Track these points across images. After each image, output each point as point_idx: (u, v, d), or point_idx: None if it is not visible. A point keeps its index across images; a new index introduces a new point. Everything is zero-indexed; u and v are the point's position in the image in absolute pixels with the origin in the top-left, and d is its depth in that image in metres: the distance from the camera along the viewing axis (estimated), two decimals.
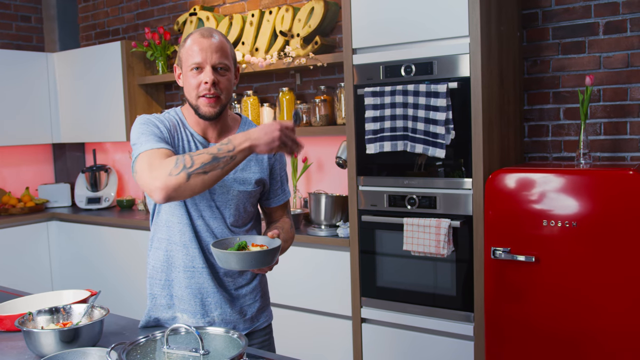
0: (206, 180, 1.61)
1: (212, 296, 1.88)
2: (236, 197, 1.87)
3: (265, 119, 3.89)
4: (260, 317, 1.99)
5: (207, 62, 1.77)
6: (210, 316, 1.89)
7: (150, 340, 1.34)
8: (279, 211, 2.06)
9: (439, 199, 2.82)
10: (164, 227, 1.89)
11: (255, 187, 1.91)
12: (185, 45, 1.81)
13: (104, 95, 4.63)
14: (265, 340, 2.02)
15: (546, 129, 3.11)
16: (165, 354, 1.28)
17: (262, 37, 3.86)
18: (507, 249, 2.58)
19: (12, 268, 4.45)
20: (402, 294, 2.96)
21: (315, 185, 3.92)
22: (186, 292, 1.88)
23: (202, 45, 1.77)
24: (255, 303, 1.97)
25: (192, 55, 1.77)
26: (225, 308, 1.90)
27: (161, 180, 1.60)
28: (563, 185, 2.46)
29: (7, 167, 5.04)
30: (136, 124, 1.82)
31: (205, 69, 1.77)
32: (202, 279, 1.88)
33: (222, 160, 1.61)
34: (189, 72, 1.79)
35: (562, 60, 3.04)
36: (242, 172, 1.88)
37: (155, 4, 4.74)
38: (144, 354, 1.28)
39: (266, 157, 1.94)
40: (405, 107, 2.83)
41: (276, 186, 2.00)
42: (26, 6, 5.21)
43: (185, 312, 1.89)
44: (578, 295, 2.44)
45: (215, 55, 1.77)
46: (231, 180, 1.86)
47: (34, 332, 1.60)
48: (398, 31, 2.87)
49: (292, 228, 2.03)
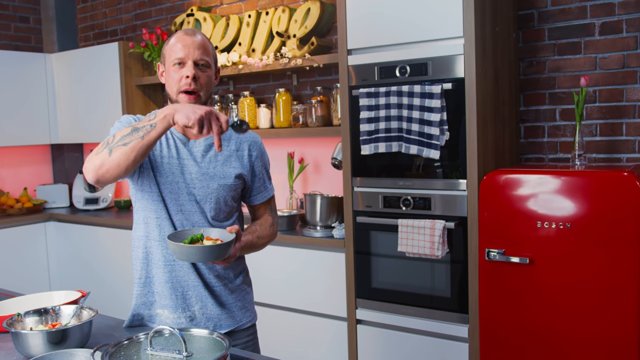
0: (126, 151, 1.62)
1: (193, 290, 1.91)
2: (216, 191, 1.91)
3: (262, 119, 3.89)
4: (243, 316, 2.00)
5: (189, 57, 1.84)
6: (191, 310, 1.91)
7: (134, 342, 1.34)
8: (262, 208, 2.09)
9: (434, 200, 2.81)
10: (142, 224, 1.93)
11: (236, 182, 1.95)
12: (169, 43, 1.89)
13: (101, 96, 4.63)
14: (249, 340, 2.02)
15: (542, 130, 3.10)
16: (149, 356, 1.28)
17: (258, 38, 3.86)
18: (501, 251, 2.57)
19: (10, 268, 4.45)
20: (397, 295, 2.96)
21: (311, 186, 3.92)
22: (166, 288, 1.90)
23: (185, 42, 1.85)
24: (237, 302, 1.99)
25: (175, 51, 1.85)
26: (206, 302, 1.92)
27: (89, 160, 1.68)
28: (557, 187, 2.45)
29: (6, 168, 5.05)
30: (116, 121, 1.91)
31: (187, 64, 1.84)
32: (182, 272, 1.90)
33: (142, 129, 1.63)
34: (172, 67, 1.86)
35: (558, 61, 3.03)
36: (223, 167, 1.93)
37: (153, 5, 4.74)
38: (128, 356, 1.28)
39: (246, 153, 1.98)
40: (399, 108, 2.83)
41: (258, 183, 2.04)
42: (25, 7, 5.22)
43: (166, 308, 1.91)
44: (572, 297, 2.43)
45: (197, 52, 1.85)
46: (211, 174, 1.91)
47: (22, 333, 1.59)
48: (393, 32, 2.87)
49: (272, 226, 2.07)
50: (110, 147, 1.65)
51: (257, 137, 2.06)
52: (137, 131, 1.64)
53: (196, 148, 1.92)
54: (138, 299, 1.95)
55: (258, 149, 2.03)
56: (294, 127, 3.75)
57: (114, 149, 1.65)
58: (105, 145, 1.67)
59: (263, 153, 2.06)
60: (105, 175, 1.66)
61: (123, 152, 1.64)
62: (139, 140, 1.63)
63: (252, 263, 3.53)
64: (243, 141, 1.99)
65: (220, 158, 1.93)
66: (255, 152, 2.01)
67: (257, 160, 2.02)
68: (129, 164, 1.65)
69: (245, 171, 1.98)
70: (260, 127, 3.91)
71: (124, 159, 1.64)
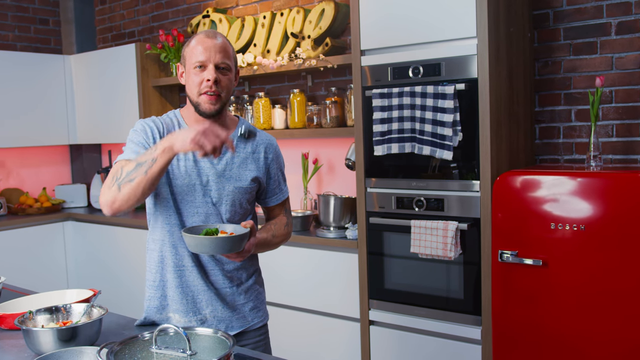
0: (133, 187, 1.68)
1: (203, 294, 1.93)
2: (232, 193, 1.93)
3: (277, 120, 3.90)
4: (254, 316, 2.02)
5: (210, 60, 1.84)
6: (202, 314, 1.93)
7: (139, 340, 1.36)
8: (277, 209, 2.12)
9: (447, 201, 2.80)
10: (159, 228, 1.95)
11: (251, 184, 1.96)
12: (190, 45, 1.89)
13: (119, 97, 4.68)
14: (260, 340, 2.03)
15: (557, 131, 3.07)
16: (154, 354, 1.29)
17: (273, 39, 3.87)
18: (514, 252, 2.55)
19: (29, 267, 4.52)
20: (410, 296, 2.95)
21: (326, 187, 3.92)
22: (177, 292, 1.92)
23: (206, 45, 1.84)
24: (249, 302, 2.00)
25: (196, 54, 1.85)
26: (217, 305, 1.94)
27: (103, 194, 1.76)
28: (571, 188, 2.42)
29: (26, 168, 5.12)
30: (131, 130, 1.92)
31: (208, 67, 1.84)
32: (192, 277, 1.92)
33: (145, 165, 1.66)
34: (192, 69, 1.86)
35: (573, 61, 3.00)
36: (239, 169, 1.94)
37: (170, 7, 4.78)
38: (132, 353, 1.29)
39: (262, 156, 2.00)
40: (412, 108, 2.82)
41: (273, 185, 2.06)
42: (44, 9, 5.29)
43: (177, 312, 1.93)
44: (586, 299, 2.40)
45: (218, 55, 1.85)
46: (227, 177, 1.92)
47: (32, 331, 1.62)
48: (406, 32, 2.86)
49: (287, 226, 2.09)
50: (118, 183, 1.71)
51: (273, 139, 2.08)
52: (140, 166, 1.67)
53: None
54: (151, 302, 1.97)
55: (274, 152, 2.05)
56: (308, 128, 3.75)
57: (122, 185, 1.70)
58: (114, 180, 1.73)
59: (279, 155, 2.08)
60: (120, 209, 1.73)
61: (131, 188, 1.69)
62: (143, 176, 1.67)
63: (266, 263, 3.53)
64: (259, 144, 2.01)
65: (236, 161, 1.94)
66: (271, 155, 2.03)
67: (273, 163, 2.04)
68: (138, 198, 1.70)
69: (261, 174, 2.00)
70: (275, 128, 3.92)
71: (132, 194, 1.69)
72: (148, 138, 1.87)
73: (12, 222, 4.50)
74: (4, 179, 4.97)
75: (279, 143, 4.09)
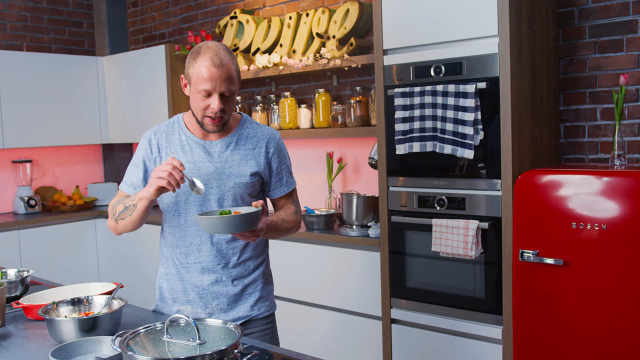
0: (126, 224, 1.97)
1: (209, 287, 2.01)
2: (232, 189, 2.00)
3: (303, 120, 3.94)
4: (261, 306, 2.09)
5: (216, 90, 1.90)
6: (209, 307, 2.02)
7: (151, 330, 1.40)
8: (283, 200, 2.18)
9: (468, 200, 2.79)
10: (167, 226, 2.07)
11: (252, 179, 2.03)
12: (195, 67, 1.91)
13: (149, 97, 4.78)
14: (266, 329, 2.10)
15: (582, 130, 3.04)
16: (165, 342, 1.34)
17: (299, 39, 3.91)
18: (535, 252, 2.54)
19: (61, 263, 4.64)
20: (431, 295, 2.95)
21: (350, 186, 3.94)
22: (184, 286, 2.03)
23: (212, 75, 1.88)
24: (255, 293, 2.08)
25: (202, 82, 1.89)
26: (222, 299, 2.02)
27: (108, 221, 2.06)
28: (593, 187, 2.40)
29: (60, 167, 5.26)
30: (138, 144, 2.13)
31: (213, 96, 1.91)
32: (199, 271, 2.02)
33: (129, 208, 1.94)
34: (197, 94, 1.92)
35: (599, 59, 2.97)
36: (239, 165, 2.02)
37: (199, 8, 4.86)
38: (145, 342, 1.34)
39: (263, 151, 2.06)
40: (434, 107, 2.82)
41: (275, 179, 2.12)
42: (78, 12, 5.43)
43: (185, 304, 2.03)
44: (608, 300, 2.38)
45: (223, 85, 1.90)
46: (227, 173, 2.00)
47: (55, 320, 1.68)
48: (428, 31, 2.86)
49: (296, 214, 2.14)
50: (115, 218, 2.00)
51: (276, 133, 2.14)
52: (126, 210, 1.95)
53: (213, 148, 2.02)
54: (162, 294, 2.09)
55: (275, 146, 2.10)
56: (333, 127, 3.78)
57: (117, 220, 1.99)
58: (112, 215, 2.01)
59: (281, 149, 2.13)
60: (122, 232, 2.04)
61: (124, 224, 1.98)
62: (130, 217, 1.95)
63: (289, 260, 3.58)
64: (260, 139, 2.08)
65: (236, 157, 2.02)
66: (272, 149, 2.09)
67: (274, 157, 2.09)
68: (133, 229, 2.00)
69: (262, 169, 2.06)
70: (300, 127, 3.96)
71: (127, 227, 2.00)
72: (148, 154, 2.05)
73: (46, 219, 4.63)
74: (39, 177, 5.12)
75: (304, 142, 4.16)
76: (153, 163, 2.04)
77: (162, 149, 2.04)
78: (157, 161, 2.04)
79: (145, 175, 2.05)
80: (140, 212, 1.91)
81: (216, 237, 1.99)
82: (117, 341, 1.34)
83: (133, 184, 2.06)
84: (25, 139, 4.72)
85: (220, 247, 2.01)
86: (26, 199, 4.75)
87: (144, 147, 2.06)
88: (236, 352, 1.30)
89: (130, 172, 2.08)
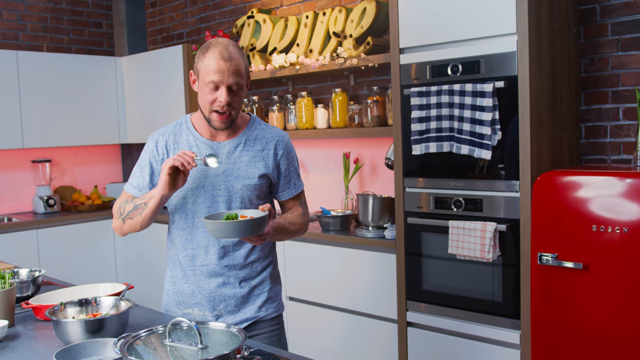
0: (134, 223, 1.95)
1: (216, 289, 1.99)
2: (240, 191, 1.98)
3: (320, 120, 3.90)
4: (268, 307, 2.06)
5: (223, 82, 1.88)
6: (217, 310, 2.00)
7: (153, 333, 1.38)
8: (291, 202, 2.15)
9: (486, 201, 2.74)
10: (174, 229, 2.05)
11: (260, 181, 2.01)
12: (204, 61, 1.90)
13: (166, 97, 4.78)
14: (274, 330, 2.08)
15: (604, 130, 2.96)
16: (167, 347, 1.31)
17: (316, 39, 3.88)
18: (554, 255, 2.47)
19: (80, 263, 4.67)
20: (447, 298, 2.90)
21: (367, 187, 3.90)
22: (191, 289, 2.01)
23: (220, 68, 1.87)
24: (263, 294, 2.05)
25: (210, 74, 1.88)
26: (230, 301, 2.00)
27: (113, 222, 2.03)
28: (614, 189, 2.33)
29: (79, 166, 5.29)
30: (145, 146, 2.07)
31: (221, 89, 1.89)
32: (205, 274, 1.99)
33: (140, 207, 1.92)
34: (205, 87, 1.91)
35: (621, 58, 2.89)
36: (247, 167, 1.99)
37: (217, 8, 4.85)
38: (146, 345, 1.32)
39: (272, 153, 2.03)
40: (451, 107, 2.77)
41: (284, 181, 2.09)
42: (98, 13, 5.46)
43: (193, 307, 2.01)
44: (629, 305, 2.30)
45: (231, 77, 1.88)
46: (236, 175, 1.97)
47: (61, 322, 1.66)
48: (445, 30, 2.81)
49: (303, 216, 2.12)
50: (122, 218, 1.98)
51: (284, 135, 2.11)
52: (136, 209, 1.93)
53: (222, 150, 2.00)
54: (168, 296, 2.07)
55: (284, 147, 2.07)
56: (350, 127, 3.74)
57: (125, 220, 1.97)
58: (120, 215, 1.98)
59: (290, 151, 2.10)
60: (127, 233, 2.01)
61: (131, 224, 1.97)
62: (140, 215, 1.93)
63: (303, 261, 3.55)
64: (269, 140, 2.05)
65: (245, 159, 2.00)
66: (281, 151, 2.06)
67: (283, 159, 2.07)
68: (140, 229, 1.98)
69: (270, 170, 2.03)
70: (317, 128, 3.92)
71: (134, 228, 1.98)
72: (155, 155, 2.02)
73: (64, 218, 4.66)
74: (58, 177, 5.15)
75: (320, 143, 4.12)
76: (160, 164, 2.02)
77: (169, 150, 2.02)
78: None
79: (151, 177, 2.03)
80: (151, 210, 1.90)
81: (223, 240, 1.97)
82: (119, 344, 1.32)
83: (139, 185, 2.04)
84: (45, 138, 4.75)
85: (227, 249, 1.99)
86: (45, 198, 4.79)
87: (151, 149, 2.05)
88: (239, 357, 1.27)
89: (135, 173, 2.06)
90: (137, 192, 2.03)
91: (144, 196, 1.93)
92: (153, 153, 2.04)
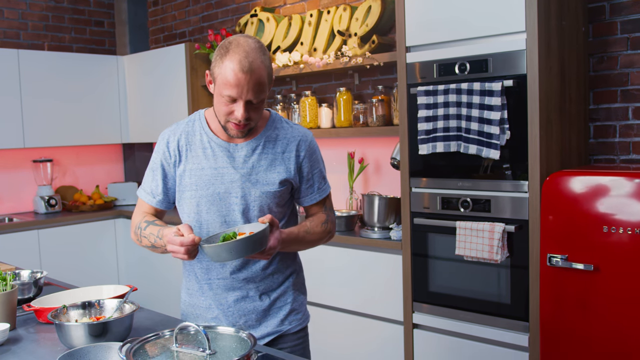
0: (151, 249, 1.90)
1: (234, 304, 1.88)
2: (259, 198, 1.83)
3: (324, 119, 3.87)
4: (292, 320, 1.93)
5: (242, 98, 1.69)
6: (237, 325, 1.88)
7: (159, 338, 1.34)
8: (315, 208, 1.97)
9: (494, 202, 2.70)
10: None
11: (280, 187, 1.85)
12: (222, 68, 1.69)
13: (169, 96, 4.74)
14: (298, 344, 1.94)
15: (613, 130, 2.92)
16: (174, 352, 1.27)
17: (320, 37, 3.84)
18: (564, 256, 2.44)
19: (81, 263, 4.63)
20: (454, 299, 2.86)
21: (372, 187, 3.86)
22: (208, 303, 1.89)
23: (239, 81, 1.67)
24: (286, 306, 1.92)
25: (227, 87, 1.69)
26: (250, 316, 1.88)
27: (131, 231, 1.96)
28: (625, 189, 2.29)
29: (80, 166, 5.25)
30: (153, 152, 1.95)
31: (238, 103, 1.71)
32: (222, 288, 1.88)
33: (157, 246, 1.84)
34: (221, 97, 1.72)
35: (631, 56, 2.85)
36: (266, 172, 1.84)
37: (220, 7, 4.81)
38: (152, 351, 1.28)
39: (294, 154, 1.87)
40: (458, 106, 2.73)
41: (306, 185, 1.92)
42: (99, 11, 5.42)
43: (212, 321, 1.89)
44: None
45: (250, 93, 1.69)
46: (254, 181, 1.82)
47: (64, 325, 1.63)
48: (452, 28, 2.77)
49: (325, 223, 1.94)
50: (139, 238, 1.91)
51: (308, 134, 1.92)
52: (154, 248, 1.86)
53: (238, 152, 1.84)
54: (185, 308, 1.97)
55: (307, 148, 1.89)
56: (354, 127, 3.70)
57: (142, 241, 1.90)
58: (136, 237, 1.92)
59: (314, 151, 1.92)
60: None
61: (149, 249, 1.90)
62: (154, 250, 1.88)
63: (308, 262, 3.50)
64: (290, 140, 1.87)
65: (264, 163, 1.84)
66: (303, 152, 1.88)
67: (305, 161, 1.89)
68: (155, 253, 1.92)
69: (291, 175, 1.86)
70: (321, 127, 3.89)
71: (150, 251, 1.93)
72: (167, 157, 1.88)
73: (66, 218, 4.62)
74: (59, 177, 5.11)
75: (324, 142, 4.08)
76: (173, 167, 1.87)
77: (182, 152, 1.86)
78: (177, 165, 1.86)
79: (164, 181, 1.88)
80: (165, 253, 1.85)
81: None
82: (124, 349, 1.28)
83: (152, 192, 1.90)
84: (46, 138, 4.71)
85: (244, 261, 1.84)
86: (46, 198, 4.75)
87: (162, 150, 1.88)
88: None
89: (147, 176, 1.92)
90: (152, 199, 1.90)
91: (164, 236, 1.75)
92: (164, 155, 1.88)
